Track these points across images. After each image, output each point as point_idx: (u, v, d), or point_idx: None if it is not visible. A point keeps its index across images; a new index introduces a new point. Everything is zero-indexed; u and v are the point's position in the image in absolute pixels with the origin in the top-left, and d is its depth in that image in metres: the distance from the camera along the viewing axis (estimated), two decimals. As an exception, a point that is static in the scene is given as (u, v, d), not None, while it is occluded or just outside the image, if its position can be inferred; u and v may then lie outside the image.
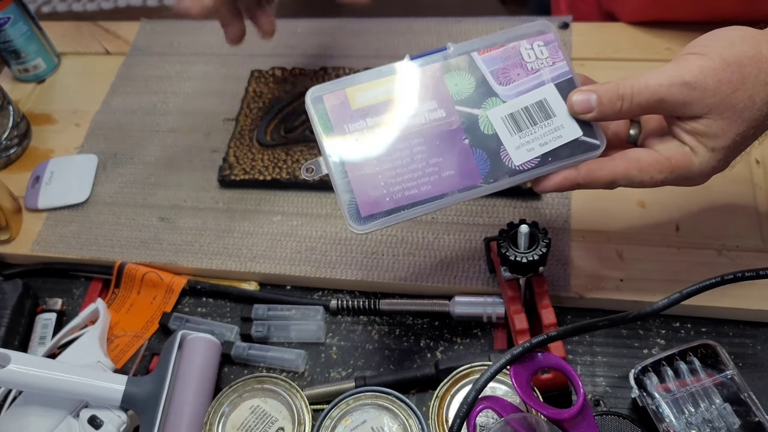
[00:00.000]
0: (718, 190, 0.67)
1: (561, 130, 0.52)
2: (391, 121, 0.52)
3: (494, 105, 0.52)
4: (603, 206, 0.68)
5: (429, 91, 0.53)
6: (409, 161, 0.51)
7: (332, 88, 0.52)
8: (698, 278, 0.54)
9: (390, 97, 0.52)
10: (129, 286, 0.71)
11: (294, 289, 0.69)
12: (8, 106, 0.81)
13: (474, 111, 0.52)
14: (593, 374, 0.61)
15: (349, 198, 0.51)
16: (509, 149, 0.52)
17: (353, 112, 0.52)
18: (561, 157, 0.52)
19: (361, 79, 0.53)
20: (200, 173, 0.77)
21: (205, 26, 0.92)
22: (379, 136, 0.51)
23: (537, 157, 0.51)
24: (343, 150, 0.51)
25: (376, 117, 0.52)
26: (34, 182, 0.79)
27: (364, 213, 0.51)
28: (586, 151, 0.52)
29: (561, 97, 0.52)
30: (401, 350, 0.64)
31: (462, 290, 0.65)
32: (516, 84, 0.53)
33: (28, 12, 0.86)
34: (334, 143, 0.51)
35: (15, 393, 0.62)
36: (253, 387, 0.60)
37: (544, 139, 0.52)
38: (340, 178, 0.51)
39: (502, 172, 0.51)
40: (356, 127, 0.51)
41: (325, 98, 0.52)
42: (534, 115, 0.52)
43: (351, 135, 0.51)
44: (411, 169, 0.51)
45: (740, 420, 0.54)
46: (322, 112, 0.52)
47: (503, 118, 0.52)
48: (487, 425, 0.55)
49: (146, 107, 0.85)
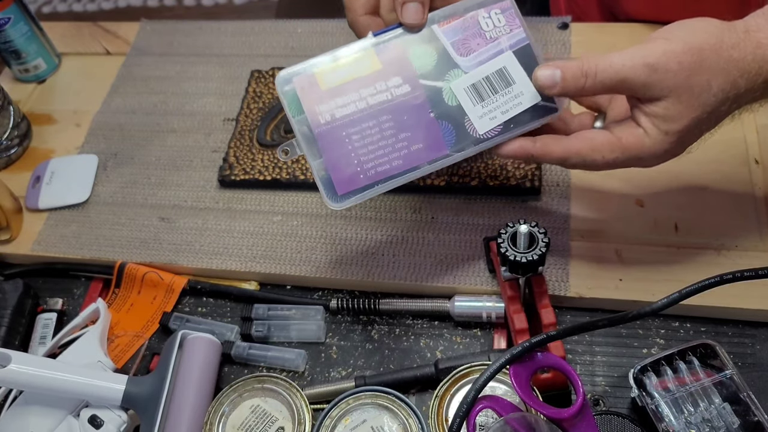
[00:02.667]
0: (718, 189, 0.67)
1: (521, 97, 0.54)
2: (359, 100, 0.54)
3: (457, 77, 0.55)
4: (602, 206, 0.68)
5: (393, 66, 0.54)
6: (379, 137, 0.53)
7: (301, 70, 0.54)
8: (697, 278, 0.54)
9: (357, 76, 0.54)
10: (129, 285, 0.71)
11: (294, 289, 0.70)
12: (9, 106, 0.81)
13: (437, 84, 0.55)
14: (593, 374, 0.61)
15: (325, 176, 0.53)
16: (473, 119, 0.54)
17: (323, 93, 0.54)
18: (522, 123, 0.54)
19: (328, 59, 0.54)
20: (200, 173, 0.77)
21: (206, 27, 0.92)
22: (349, 116, 0.54)
23: (500, 125, 0.54)
24: (315, 130, 0.53)
25: (344, 96, 0.54)
26: (35, 182, 0.79)
27: (341, 191, 0.53)
28: (545, 115, 0.55)
29: (520, 64, 0.55)
30: (401, 350, 0.65)
31: (462, 290, 0.65)
32: (476, 54, 0.55)
33: (29, 12, 0.86)
34: (305, 125, 0.53)
35: (15, 393, 0.62)
36: (253, 387, 0.60)
37: (505, 107, 0.54)
38: (314, 158, 0.53)
39: (467, 142, 0.54)
40: (326, 108, 0.53)
41: (295, 81, 0.54)
42: (495, 84, 0.54)
43: (322, 116, 0.53)
44: (381, 146, 0.53)
45: (739, 419, 0.54)
46: (292, 95, 0.54)
47: (466, 89, 0.54)
48: (486, 425, 0.55)
49: (146, 107, 0.85)
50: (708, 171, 0.68)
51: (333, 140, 0.53)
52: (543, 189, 0.70)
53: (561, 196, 0.69)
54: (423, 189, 0.71)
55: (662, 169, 0.68)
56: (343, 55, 0.54)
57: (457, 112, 0.54)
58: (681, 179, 0.68)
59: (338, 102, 0.54)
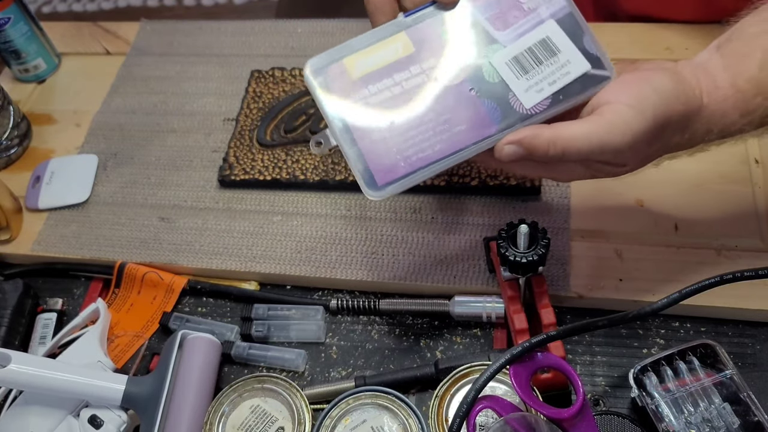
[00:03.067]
0: (718, 189, 0.67)
1: (568, 66, 0.50)
2: (393, 85, 0.50)
3: (496, 52, 0.51)
4: (602, 206, 0.68)
5: (427, 48, 0.51)
6: (419, 123, 0.50)
7: (330, 58, 0.51)
8: (697, 278, 0.54)
9: (389, 61, 0.51)
10: (129, 285, 0.71)
11: (294, 289, 0.70)
12: (8, 106, 0.81)
13: (476, 61, 0.51)
14: (593, 374, 0.61)
15: (363, 167, 0.49)
16: (518, 94, 0.50)
17: (354, 82, 0.50)
18: (572, 94, 0.50)
19: (359, 44, 0.51)
20: (200, 173, 0.77)
21: (205, 26, 0.92)
22: (384, 103, 0.50)
23: (548, 98, 0.50)
24: (349, 120, 0.50)
25: (378, 83, 0.50)
26: (35, 182, 0.79)
27: (380, 181, 0.49)
28: (597, 84, 0.50)
29: (564, 32, 0.51)
30: (401, 350, 0.65)
31: (462, 290, 0.65)
32: (515, 27, 0.51)
33: (29, 12, 0.86)
34: (339, 115, 0.50)
35: (15, 393, 0.62)
36: (253, 387, 0.60)
37: (552, 77, 0.50)
38: (350, 147, 0.49)
39: (514, 119, 0.50)
40: (359, 96, 0.50)
41: (327, 70, 0.51)
42: (539, 55, 0.51)
43: (355, 104, 0.50)
44: (421, 131, 0.50)
45: (739, 419, 0.54)
46: (323, 84, 0.50)
47: (507, 62, 0.51)
48: (486, 425, 0.55)
49: (146, 107, 0.85)
50: (708, 171, 0.69)
51: (369, 134, 0.50)
52: (543, 189, 0.70)
53: (561, 196, 0.69)
54: (423, 189, 0.71)
55: (662, 169, 0.69)
56: (373, 39, 0.51)
57: (501, 89, 0.50)
58: (681, 179, 0.68)
59: (371, 90, 0.50)
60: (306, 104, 0.79)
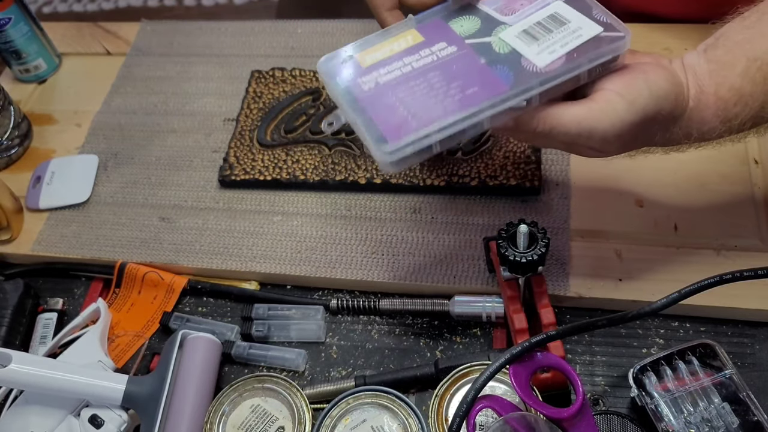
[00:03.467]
0: (717, 189, 0.67)
1: (579, 31, 0.50)
2: (403, 66, 0.51)
3: (504, 29, 0.52)
4: (602, 206, 0.68)
5: (436, 36, 0.53)
6: (428, 89, 0.50)
7: (345, 54, 0.53)
8: (697, 278, 0.54)
9: (399, 50, 0.52)
10: (130, 285, 0.71)
11: (294, 289, 0.70)
12: (9, 106, 0.81)
13: (485, 39, 0.52)
14: (592, 373, 0.61)
15: (373, 130, 0.48)
16: (530, 57, 0.50)
17: (366, 69, 0.52)
18: (588, 53, 0.49)
19: (370, 42, 0.53)
20: (201, 173, 0.77)
21: (206, 27, 0.92)
22: (394, 79, 0.51)
23: (561, 57, 0.49)
24: (357, 93, 0.50)
25: (388, 66, 0.52)
26: (35, 182, 0.79)
27: (391, 139, 0.47)
28: (612, 43, 0.49)
29: (572, 8, 0.52)
30: (401, 349, 0.65)
31: (461, 290, 0.65)
32: (521, 12, 0.53)
33: (29, 12, 0.86)
34: (348, 89, 0.51)
35: (16, 392, 0.62)
36: (253, 386, 0.60)
37: (564, 41, 0.50)
38: (359, 116, 0.49)
39: (530, 80, 0.49)
40: (370, 78, 0.51)
41: (339, 63, 0.52)
42: (548, 26, 0.51)
43: (365, 82, 0.51)
44: (431, 95, 0.49)
45: (739, 419, 0.54)
46: (334, 72, 0.52)
47: (517, 35, 0.51)
48: (486, 424, 0.55)
49: (147, 107, 0.85)
50: (707, 171, 0.69)
51: (379, 101, 0.50)
52: (543, 189, 0.70)
53: (561, 196, 0.69)
54: (423, 189, 0.71)
55: (662, 168, 0.69)
56: (383, 38, 0.53)
57: (511, 56, 0.50)
58: (680, 179, 0.68)
59: (381, 71, 0.51)
60: (306, 104, 0.79)
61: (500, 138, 0.72)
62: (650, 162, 0.65)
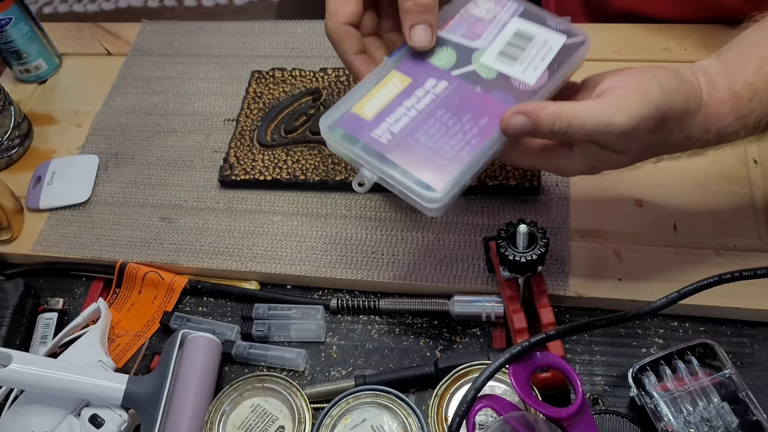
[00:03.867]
0: (716, 189, 0.68)
1: (549, 43, 0.55)
2: (408, 110, 0.54)
3: (482, 54, 0.56)
4: (601, 206, 0.68)
5: (422, 74, 0.55)
6: (445, 130, 0.53)
7: (339, 112, 0.54)
8: (696, 278, 0.54)
9: (393, 96, 0.54)
10: (130, 285, 0.71)
11: (294, 289, 0.70)
12: (10, 106, 0.81)
13: (468, 68, 0.55)
14: (592, 373, 0.61)
15: (414, 180, 0.51)
16: (517, 77, 0.54)
17: (370, 122, 0.53)
18: (564, 62, 0.55)
19: (358, 93, 0.55)
20: (201, 173, 0.78)
21: (206, 27, 0.92)
22: (406, 126, 0.53)
23: (545, 71, 0.54)
24: (381, 149, 0.52)
25: (393, 114, 0.53)
26: (36, 182, 0.79)
27: (436, 186, 0.50)
28: (577, 48, 0.55)
29: (529, 21, 0.57)
30: (401, 349, 0.65)
31: (461, 290, 0.65)
32: (486, 34, 0.57)
33: (30, 13, 0.86)
34: (369, 148, 0.52)
35: (16, 392, 0.62)
36: (253, 386, 0.60)
37: (540, 55, 0.55)
38: (393, 170, 0.51)
39: (527, 98, 0.54)
40: (381, 130, 0.53)
41: (338, 125, 0.54)
42: (519, 44, 0.56)
43: (381, 136, 0.53)
44: (451, 134, 0.52)
45: (738, 419, 0.54)
46: (341, 135, 0.53)
47: (495, 58, 0.55)
48: (486, 424, 0.56)
49: (147, 108, 0.85)
50: (707, 171, 0.69)
51: (403, 150, 0.52)
52: (542, 189, 0.70)
53: (560, 196, 0.69)
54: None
55: (661, 169, 0.69)
56: (370, 85, 0.55)
57: (501, 79, 0.54)
58: (680, 179, 0.68)
59: (389, 121, 0.53)
60: (306, 104, 0.79)
61: None
62: (650, 161, 0.65)
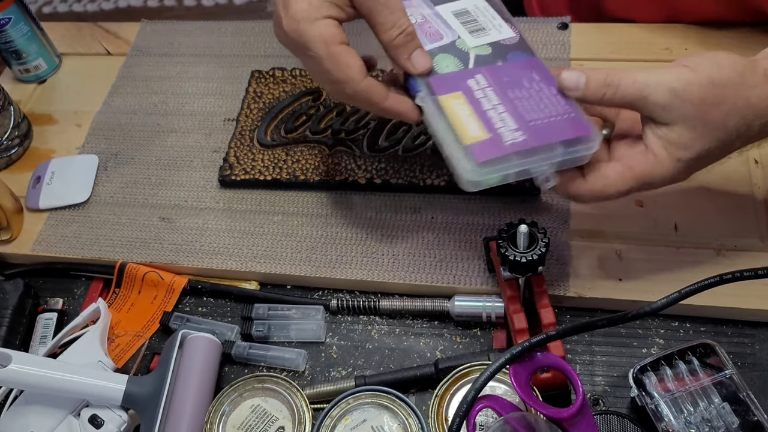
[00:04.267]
0: (717, 189, 0.67)
1: (476, 5, 0.62)
2: (496, 108, 0.55)
3: (463, 43, 0.59)
4: (602, 206, 0.68)
5: (458, 83, 0.56)
6: (529, 99, 0.55)
7: (462, 161, 0.53)
8: (697, 278, 0.54)
9: (471, 110, 0.55)
10: (130, 285, 0.71)
11: (294, 289, 0.70)
12: (9, 106, 0.81)
13: (471, 57, 0.58)
14: (592, 373, 0.61)
15: (570, 144, 0.52)
16: (501, 39, 0.59)
17: (493, 137, 0.53)
18: (500, 8, 0.62)
19: (450, 136, 0.54)
20: (201, 173, 0.77)
21: (206, 27, 0.92)
22: (514, 116, 0.54)
23: (504, 22, 0.61)
24: (528, 147, 0.52)
25: (493, 120, 0.54)
26: (35, 182, 0.79)
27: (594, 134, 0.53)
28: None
29: (445, 4, 0.62)
30: (401, 349, 0.65)
31: (461, 290, 0.65)
32: (442, 30, 0.60)
33: (29, 12, 0.86)
34: (522, 156, 0.52)
35: (16, 392, 0.62)
36: (253, 386, 0.60)
37: (487, 15, 0.62)
38: (551, 149, 0.52)
39: (528, 45, 0.59)
40: (506, 136, 0.53)
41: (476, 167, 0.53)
42: (467, 19, 0.61)
43: (514, 140, 0.53)
44: (542, 99, 0.55)
45: (739, 419, 0.54)
46: (486, 171, 0.52)
47: (472, 38, 0.59)
48: (486, 424, 0.56)
49: (147, 107, 0.85)
50: (707, 171, 0.68)
51: (534, 132, 0.53)
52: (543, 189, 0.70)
53: (561, 195, 0.69)
54: (423, 189, 0.71)
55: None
56: (446, 123, 0.54)
57: (497, 47, 0.59)
58: (680, 179, 0.68)
59: (499, 125, 0.53)
60: (306, 104, 0.79)
61: None
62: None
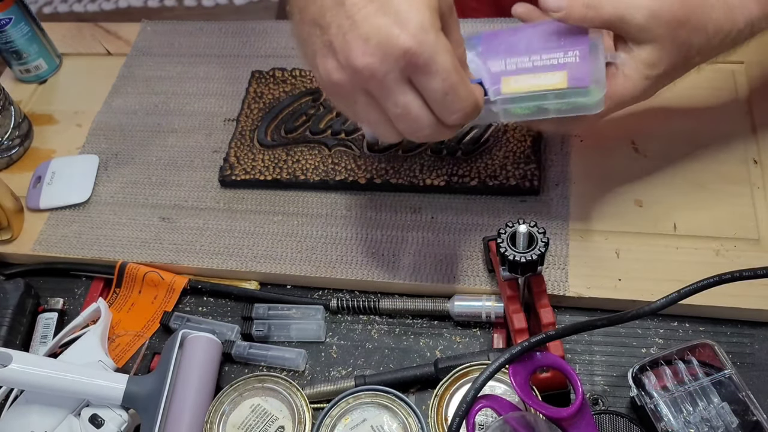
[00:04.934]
0: (716, 189, 0.67)
1: None
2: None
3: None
4: (601, 206, 0.68)
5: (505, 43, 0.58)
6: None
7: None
8: (696, 278, 0.54)
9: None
10: (130, 285, 0.71)
11: (294, 289, 0.70)
12: (10, 106, 0.81)
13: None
14: (592, 373, 0.61)
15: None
16: None
17: None
18: None
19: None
20: (201, 173, 0.78)
21: (206, 27, 0.92)
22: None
23: None
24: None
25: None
26: (36, 182, 0.79)
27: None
28: None
29: None
30: (401, 349, 0.65)
31: (461, 290, 0.65)
32: None
33: (30, 13, 0.86)
34: None
35: (16, 392, 0.62)
36: (253, 386, 0.60)
37: None
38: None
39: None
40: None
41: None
42: None
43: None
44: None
45: (738, 419, 0.54)
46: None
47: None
48: (486, 424, 0.56)
49: (147, 108, 0.85)
50: (707, 171, 0.69)
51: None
52: (542, 189, 0.70)
53: (560, 195, 0.69)
54: (423, 189, 0.71)
55: (661, 168, 0.69)
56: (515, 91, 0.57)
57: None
58: (679, 179, 0.68)
59: None
60: (306, 105, 0.79)
61: (500, 138, 0.72)
62: (650, 161, 0.65)
